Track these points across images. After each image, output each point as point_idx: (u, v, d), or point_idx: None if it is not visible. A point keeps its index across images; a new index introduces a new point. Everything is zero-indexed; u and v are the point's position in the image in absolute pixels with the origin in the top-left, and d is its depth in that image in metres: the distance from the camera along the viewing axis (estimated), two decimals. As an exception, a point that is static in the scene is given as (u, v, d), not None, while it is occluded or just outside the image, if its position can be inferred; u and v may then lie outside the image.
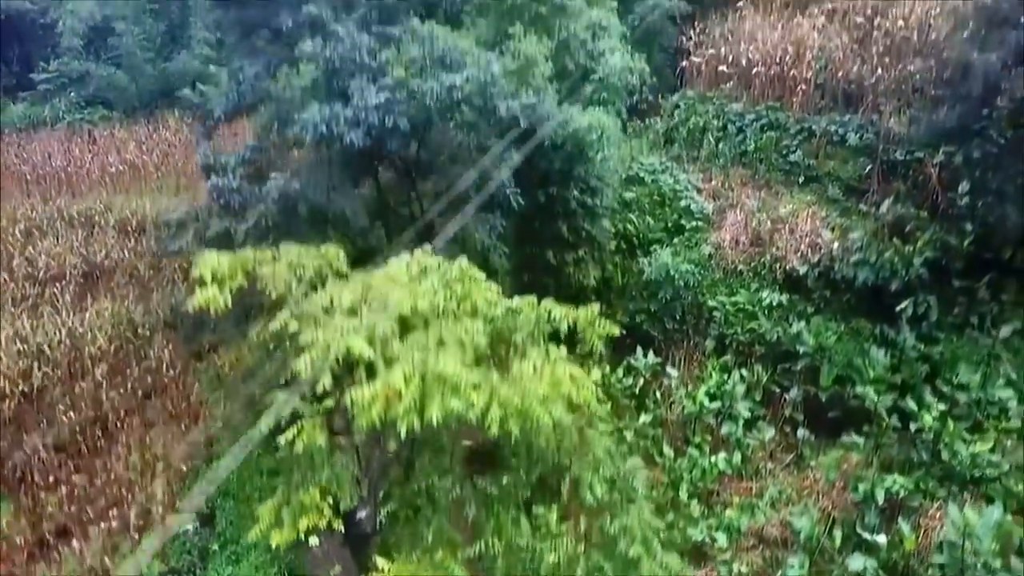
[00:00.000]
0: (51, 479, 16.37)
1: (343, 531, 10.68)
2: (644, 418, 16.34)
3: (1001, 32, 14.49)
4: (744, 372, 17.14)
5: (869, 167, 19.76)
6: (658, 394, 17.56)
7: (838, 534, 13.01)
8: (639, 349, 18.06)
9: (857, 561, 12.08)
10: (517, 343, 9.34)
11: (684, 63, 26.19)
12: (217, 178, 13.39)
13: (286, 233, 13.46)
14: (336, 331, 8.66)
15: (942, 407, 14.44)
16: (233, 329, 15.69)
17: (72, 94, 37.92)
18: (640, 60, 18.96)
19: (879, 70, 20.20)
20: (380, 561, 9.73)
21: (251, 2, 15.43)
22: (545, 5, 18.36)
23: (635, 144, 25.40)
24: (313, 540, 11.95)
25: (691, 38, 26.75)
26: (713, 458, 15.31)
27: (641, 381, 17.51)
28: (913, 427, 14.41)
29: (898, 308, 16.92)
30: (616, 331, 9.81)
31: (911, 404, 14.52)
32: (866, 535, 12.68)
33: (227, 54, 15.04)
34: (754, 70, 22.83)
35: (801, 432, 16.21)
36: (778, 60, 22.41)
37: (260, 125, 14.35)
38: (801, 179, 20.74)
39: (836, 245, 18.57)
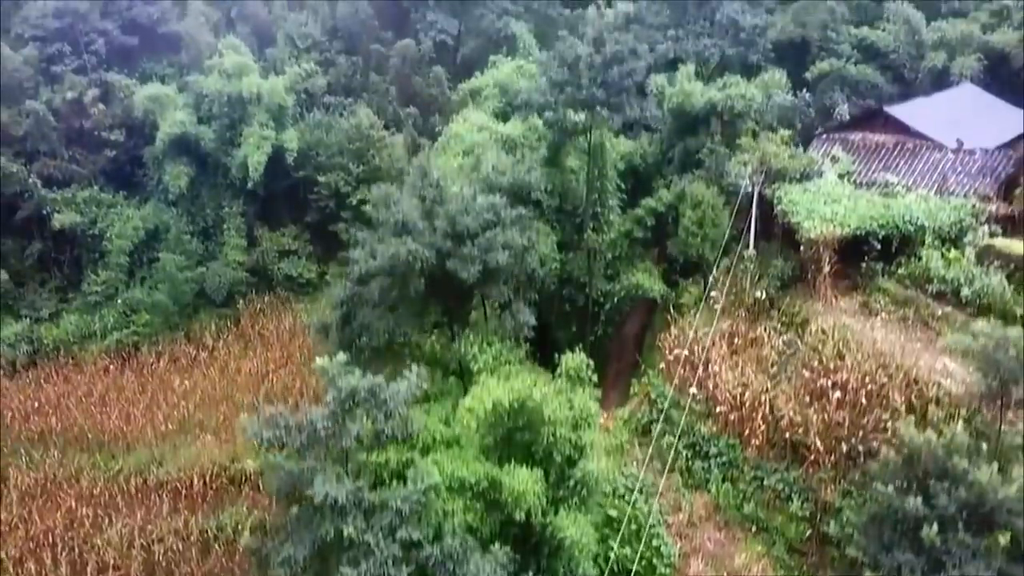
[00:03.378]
0: None
1: None
2: None
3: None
4: None
5: (809, 532, 23.50)
6: None
7: None
8: None
9: None
10: None
11: (661, 363, 29.99)
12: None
13: None
14: None
15: None
16: None
17: (120, 302, 42.14)
18: (616, 469, 22.79)
19: (818, 444, 23.92)
20: None
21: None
22: (538, 434, 22.11)
23: (620, 430, 29.44)
24: None
25: (669, 332, 30.59)
26: None
27: None
28: None
29: None
30: None
31: None
32: None
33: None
34: (717, 408, 26.60)
35: None
36: (737, 403, 26.16)
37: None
38: (754, 528, 24.49)
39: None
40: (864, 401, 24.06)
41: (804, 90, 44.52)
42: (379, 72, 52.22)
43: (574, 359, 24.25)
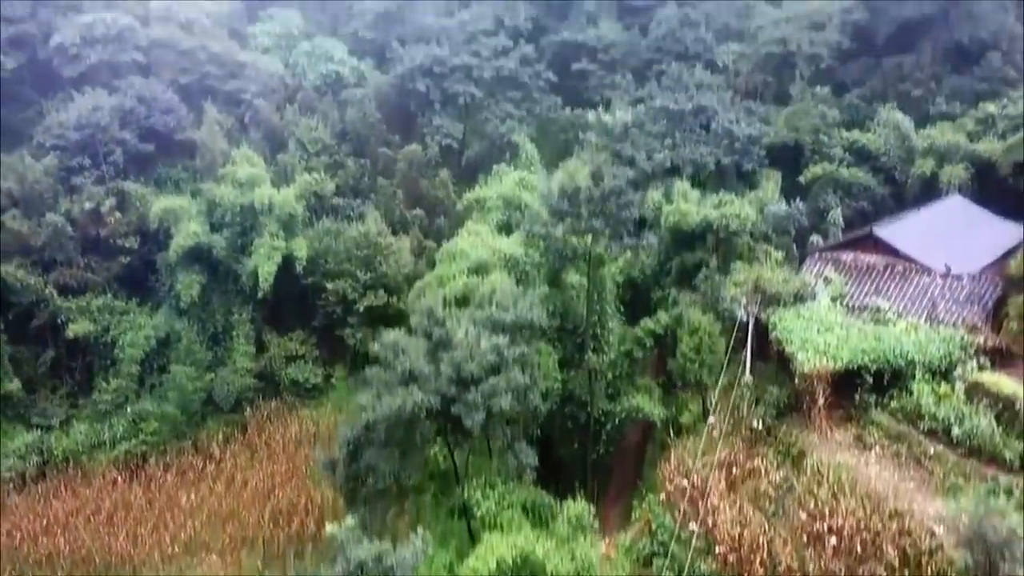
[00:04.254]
0: None
1: None
2: None
3: None
4: None
5: None
6: None
7: None
8: None
9: None
10: None
11: (662, 492, 30.56)
12: None
13: None
14: None
15: None
16: None
17: (129, 411, 42.88)
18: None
19: (816, 592, 24.35)
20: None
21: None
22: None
23: (622, 560, 29.82)
24: None
25: (669, 460, 31.23)
26: None
27: None
28: None
29: None
30: None
31: None
32: None
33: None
34: (717, 547, 27.03)
35: None
36: (736, 543, 26.61)
37: None
38: None
39: None
40: (859, 550, 24.51)
41: (797, 199, 45.84)
42: (387, 175, 53.96)
43: (576, 507, 24.95)
